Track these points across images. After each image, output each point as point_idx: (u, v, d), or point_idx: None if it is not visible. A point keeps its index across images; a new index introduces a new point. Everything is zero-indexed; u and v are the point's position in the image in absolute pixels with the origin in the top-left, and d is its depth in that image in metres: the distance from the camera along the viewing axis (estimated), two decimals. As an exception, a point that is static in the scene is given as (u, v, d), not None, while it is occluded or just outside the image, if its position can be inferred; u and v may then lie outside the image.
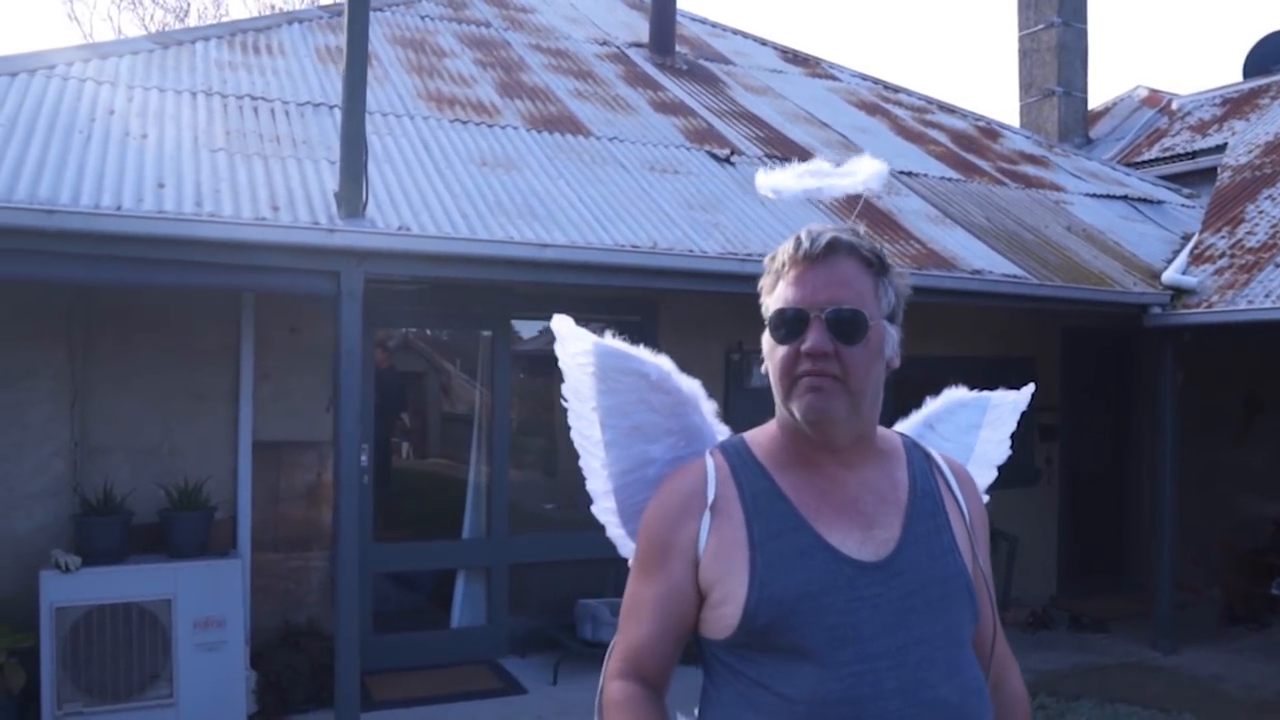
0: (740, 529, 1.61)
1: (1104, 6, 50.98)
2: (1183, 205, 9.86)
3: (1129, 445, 9.78)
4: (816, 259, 1.61)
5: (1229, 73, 42.33)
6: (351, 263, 5.15)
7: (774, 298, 1.65)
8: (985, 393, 2.20)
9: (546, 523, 7.94)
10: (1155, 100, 12.70)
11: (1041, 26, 12.19)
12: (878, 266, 1.66)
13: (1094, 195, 9.57)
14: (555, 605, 7.20)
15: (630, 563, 1.78)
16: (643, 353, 1.83)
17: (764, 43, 11.86)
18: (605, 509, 1.86)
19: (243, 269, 4.99)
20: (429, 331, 8.02)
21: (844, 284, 1.61)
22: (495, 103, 7.74)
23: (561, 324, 1.87)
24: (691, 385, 1.85)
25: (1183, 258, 8.07)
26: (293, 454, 6.62)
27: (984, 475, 2.08)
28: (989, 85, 57.92)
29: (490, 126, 7.20)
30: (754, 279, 5.73)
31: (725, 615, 1.59)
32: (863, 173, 1.86)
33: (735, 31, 11.93)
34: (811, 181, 1.86)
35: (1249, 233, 8.14)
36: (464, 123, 7.15)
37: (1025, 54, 12.37)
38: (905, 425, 2.09)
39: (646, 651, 1.67)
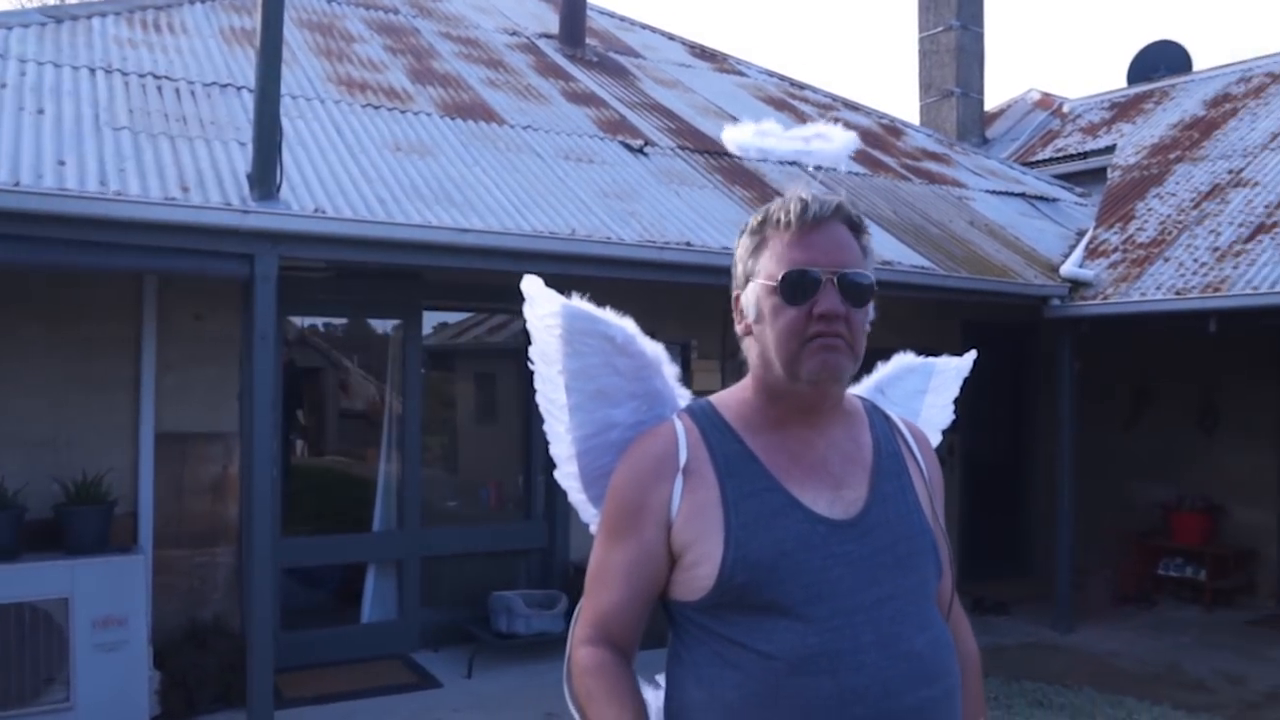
0: (714, 490, 1.61)
1: (998, 10, 52.63)
2: (1076, 203, 10.20)
3: (1027, 435, 10.10)
4: (820, 223, 1.63)
5: (1114, 77, 44.04)
6: (266, 245, 5.01)
7: (773, 260, 1.64)
8: (930, 359, 2.24)
9: (454, 517, 7.85)
10: (1047, 103, 13.13)
11: (940, 29, 12.50)
12: (863, 233, 1.68)
13: (994, 192, 9.85)
14: (468, 598, 7.11)
15: (595, 528, 1.76)
16: (609, 315, 1.81)
17: (672, 37, 11.92)
18: (568, 474, 1.83)
19: (152, 250, 4.81)
20: (334, 323, 7.82)
21: (847, 248, 1.64)
22: (407, 89, 7.61)
23: (531, 285, 1.84)
24: (655, 349, 1.83)
25: (1079, 252, 8.36)
26: (198, 446, 6.40)
27: (930, 438, 2.12)
28: (889, 85, 59.24)
29: (403, 112, 7.08)
30: (671, 267, 5.75)
31: (700, 576, 1.59)
32: (839, 139, 1.87)
33: (644, 26, 11.96)
34: (797, 144, 1.86)
35: (1139, 229, 8.47)
36: (376, 108, 7.01)
37: (925, 55, 12.67)
38: (859, 389, 2.11)
39: (616, 616, 1.66)
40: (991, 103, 13.47)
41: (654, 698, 1.70)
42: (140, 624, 5.55)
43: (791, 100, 10.85)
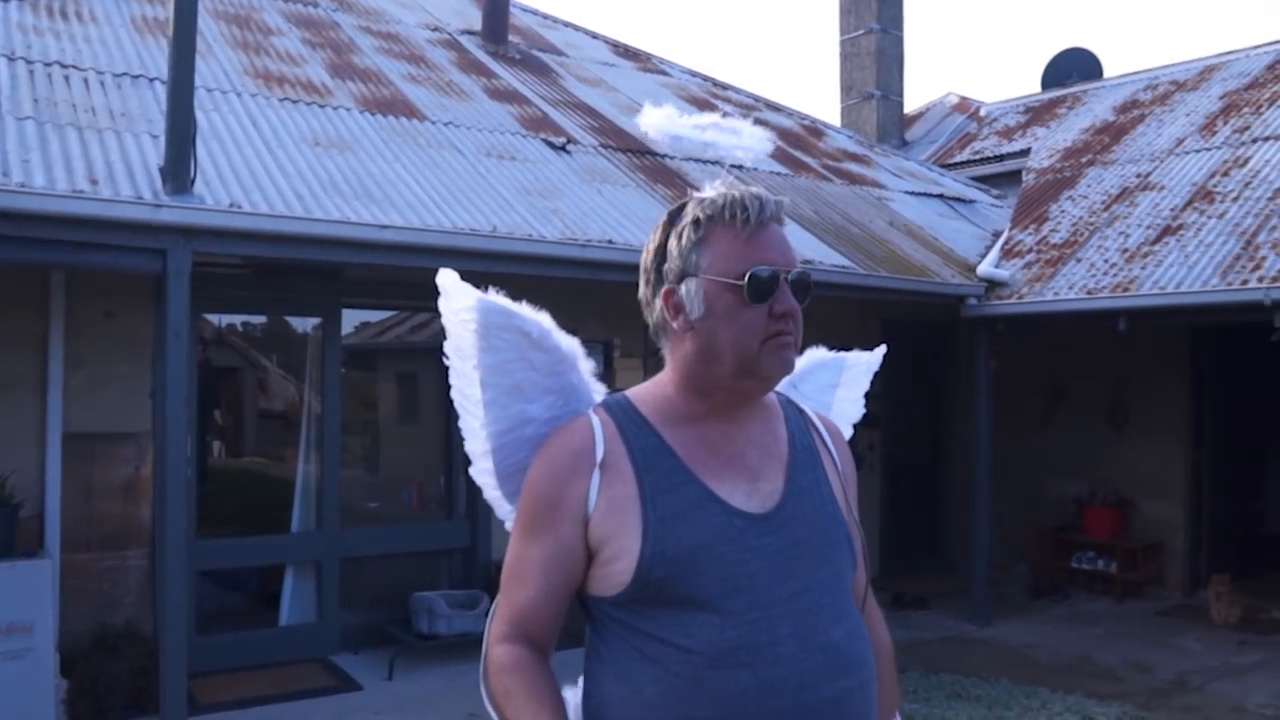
0: (630, 485, 1.61)
1: (917, 15, 53.55)
2: (992, 204, 10.42)
3: (946, 434, 10.28)
4: (768, 221, 1.65)
5: (1029, 82, 45.04)
6: (179, 240, 4.89)
7: (728, 257, 1.63)
8: (841, 353, 2.26)
9: (375, 518, 7.76)
10: (965, 107, 13.39)
11: (861, 32, 12.66)
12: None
13: (913, 193, 10.01)
14: (389, 600, 7.03)
15: (510, 525, 1.74)
16: (524, 309, 1.79)
17: (595, 36, 11.90)
18: (483, 470, 1.80)
19: (59, 245, 4.66)
20: (252, 321, 7.68)
21: (791, 247, 1.68)
22: (326, 83, 7.49)
23: (446, 278, 1.81)
24: (570, 343, 1.81)
25: (995, 252, 8.54)
26: (108, 446, 6.23)
27: (842, 432, 2.14)
28: (811, 87, 59.91)
29: (322, 107, 6.96)
30: (593, 265, 5.73)
31: (617, 571, 1.58)
32: (748, 136, 1.88)
33: (566, 24, 11.93)
34: (710, 135, 1.87)
35: (1053, 230, 8.68)
36: (294, 102, 6.89)
37: (846, 58, 12.83)
38: None
39: (532, 613, 1.64)
40: (911, 105, 13.70)
41: (571, 695, 1.69)
42: (47, 631, 5.37)
43: (714, 100, 10.91)
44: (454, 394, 1.82)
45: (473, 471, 1.83)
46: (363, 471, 7.88)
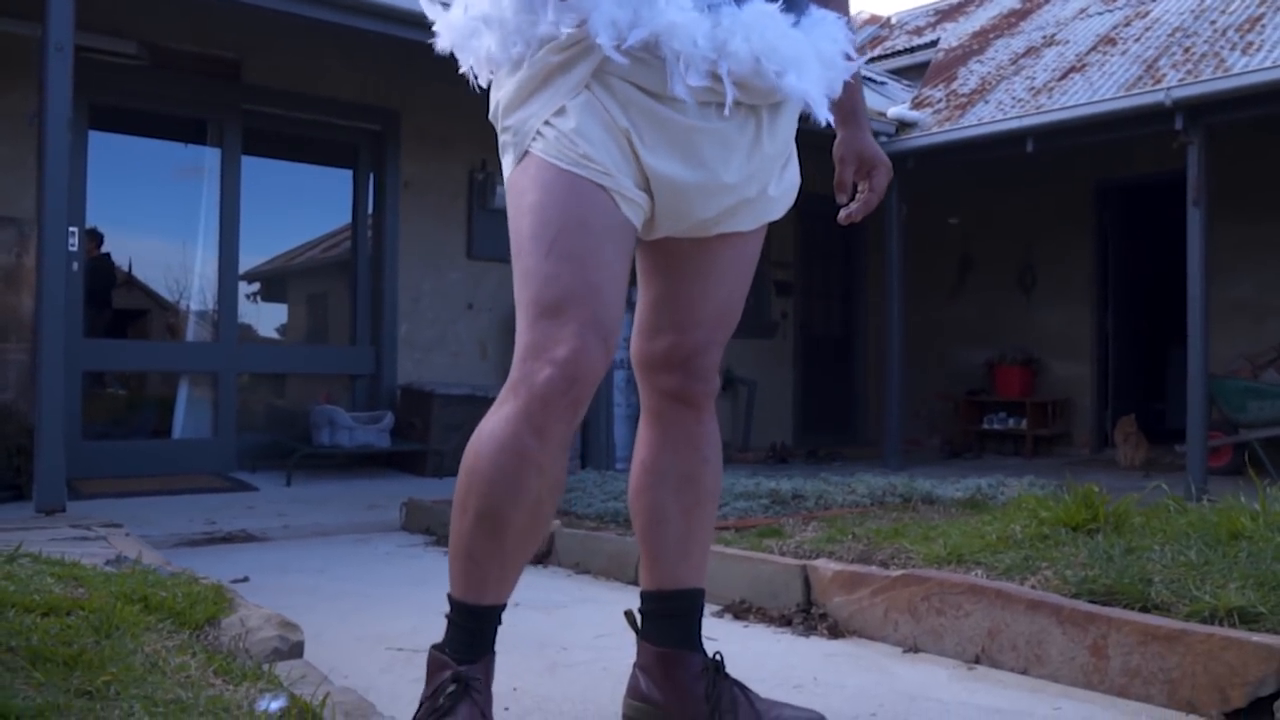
0: None
1: None
2: (903, 89, 10.49)
3: (858, 307, 10.30)
4: None
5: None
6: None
7: None
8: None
9: (275, 339, 7.49)
10: (876, 19, 13.54)
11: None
12: None
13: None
14: (290, 420, 6.77)
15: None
16: None
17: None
18: None
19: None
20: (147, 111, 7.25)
21: None
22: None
23: None
24: None
25: (906, 104, 8.59)
26: (-14, 230, 5.89)
27: None
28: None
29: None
30: None
31: None
32: None
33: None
34: None
35: (961, 85, 8.77)
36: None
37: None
38: None
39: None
40: (823, 24, 13.77)
41: None
42: (-86, 392, 5.05)
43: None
44: None
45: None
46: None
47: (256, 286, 7.54)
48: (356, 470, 6.44)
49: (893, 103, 9.42)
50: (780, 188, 1.72)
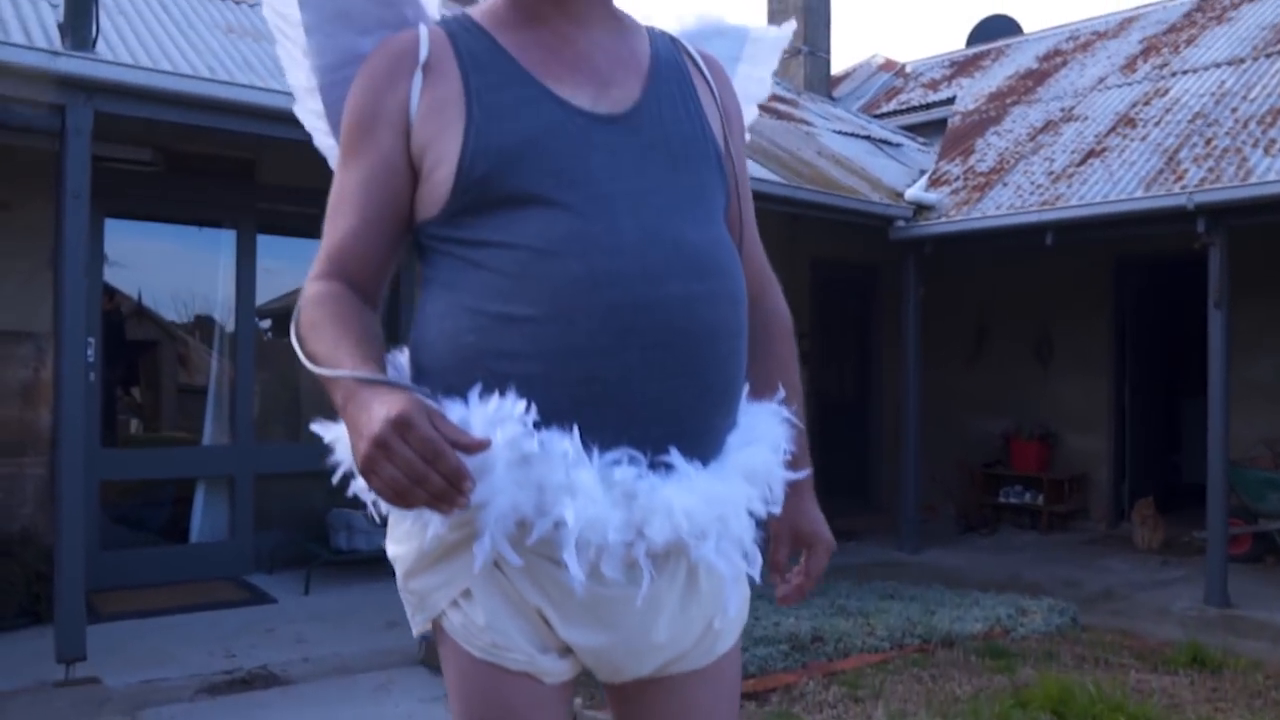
0: (455, 84, 1.42)
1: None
2: (919, 149, 10.46)
3: (874, 375, 10.27)
4: None
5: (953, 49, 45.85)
6: (80, 96, 4.59)
7: None
8: (745, 24, 2.08)
9: (291, 435, 7.46)
10: (891, 66, 13.48)
11: (788, -13, 12.63)
12: None
13: (841, 133, 10.00)
14: (306, 520, 6.76)
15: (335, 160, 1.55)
16: None
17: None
18: (310, 111, 1.60)
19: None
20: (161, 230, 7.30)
21: None
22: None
23: None
24: None
25: (923, 181, 8.55)
26: (4, 346, 5.90)
27: (745, 111, 1.98)
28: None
29: (238, 3, 6.70)
30: None
31: (439, 181, 1.40)
32: None
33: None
34: None
35: (979, 160, 8.71)
36: (208, -3, 6.62)
37: (774, 14, 12.79)
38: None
39: (351, 246, 1.44)
40: (836, 68, 13.74)
41: (403, 356, 1.50)
42: (-65, 530, 5.06)
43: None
44: (267, 12, 1.62)
45: (298, 110, 1.62)
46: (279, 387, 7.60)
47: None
48: (379, 573, 6.42)
49: (908, 170, 9.38)
50: (726, 621, 1.54)
